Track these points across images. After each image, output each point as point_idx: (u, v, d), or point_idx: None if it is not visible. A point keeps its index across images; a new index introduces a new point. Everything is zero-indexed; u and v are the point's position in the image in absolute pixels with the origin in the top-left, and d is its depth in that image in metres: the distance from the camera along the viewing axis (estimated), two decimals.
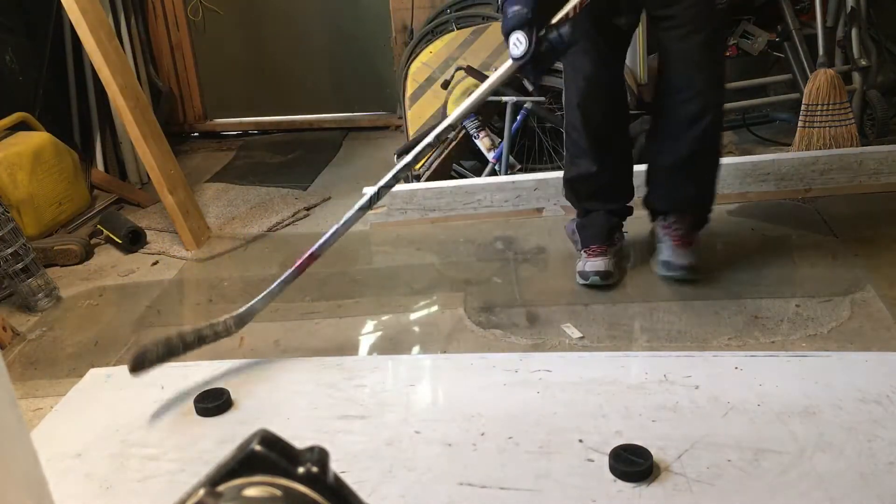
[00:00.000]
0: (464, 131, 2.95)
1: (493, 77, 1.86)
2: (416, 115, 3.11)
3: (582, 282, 2.18)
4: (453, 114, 1.91)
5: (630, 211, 2.33)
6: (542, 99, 2.96)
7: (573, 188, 2.28)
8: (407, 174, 2.93)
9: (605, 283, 2.15)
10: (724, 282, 2.14)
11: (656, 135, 2.20)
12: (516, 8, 1.75)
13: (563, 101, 2.22)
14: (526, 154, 3.12)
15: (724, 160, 2.42)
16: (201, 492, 0.60)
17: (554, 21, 1.78)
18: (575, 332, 1.98)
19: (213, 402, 1.60)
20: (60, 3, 2.61)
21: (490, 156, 2.91)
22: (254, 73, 4.13)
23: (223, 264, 2.65)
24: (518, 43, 1.75)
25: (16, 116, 2.97)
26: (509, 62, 1.80)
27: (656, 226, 2.27)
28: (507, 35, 1.77)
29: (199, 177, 3.54)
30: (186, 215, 2.77)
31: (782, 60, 3.09)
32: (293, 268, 1.85)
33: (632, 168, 2.28)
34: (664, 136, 2.14)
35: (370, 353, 2.02)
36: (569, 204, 2.43)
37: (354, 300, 2.29)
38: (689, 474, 1.33)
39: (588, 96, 2.10)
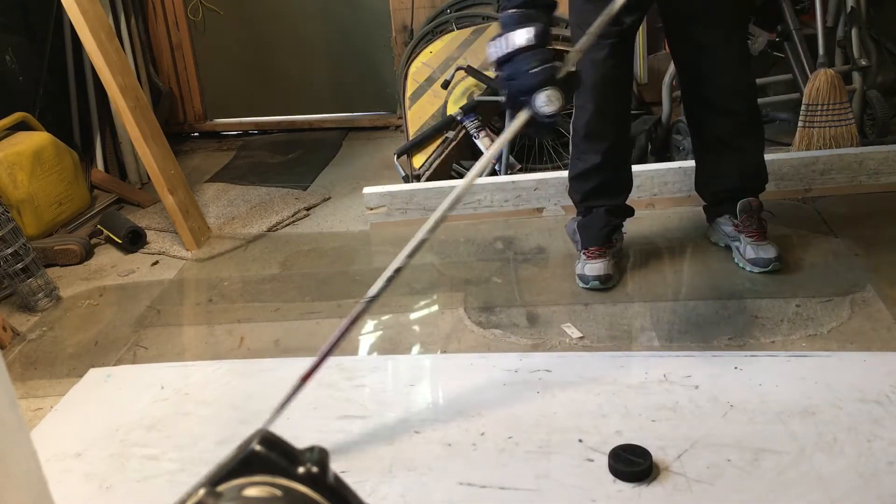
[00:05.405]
0: (464, 131, 2.95)
1: (504, 136, 1.66)
2: (415, 115, 3.11)
3: (582, 285, 2.19)
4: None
5: (631, 211, 2.34)
6: None
7: (576, 184, 2.29)
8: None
9: (605, 287, 2.16)
10: (723, 282, 2.14)
11: (702, 122, 2.25)
12: (538, 66, 1.60)
13: (574, 97, 2.18)
14: (526, 154, 3.12)
15: None
16: (201, 492, 0.60)
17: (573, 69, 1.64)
18: (575, 332, 1.98)
19: None
20: (60, 3, 2.61)
21: None
22: (254, 73, 4.13)
23: (223, 264, 2.65)
24: (553, 99, 1.59)
25: (16, 116, 2.96)
26: (524, 117, 1.61)
27: (721, 227, 2.29)
28: (531, 92, 1.59)
29: (199, 177, 3.54)
30: (186, 215, 2.77)
31: (782, 60, 3.08)
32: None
33: (630, 165, 2.31)
34: (709, 119, 2.20)
35: (370, 353, 2.02)
36: (569, 203, 2.44)
37: (354, 300, 2.28)
38: (689, 474, 1.33)
39: (600, 90, 2.12)
